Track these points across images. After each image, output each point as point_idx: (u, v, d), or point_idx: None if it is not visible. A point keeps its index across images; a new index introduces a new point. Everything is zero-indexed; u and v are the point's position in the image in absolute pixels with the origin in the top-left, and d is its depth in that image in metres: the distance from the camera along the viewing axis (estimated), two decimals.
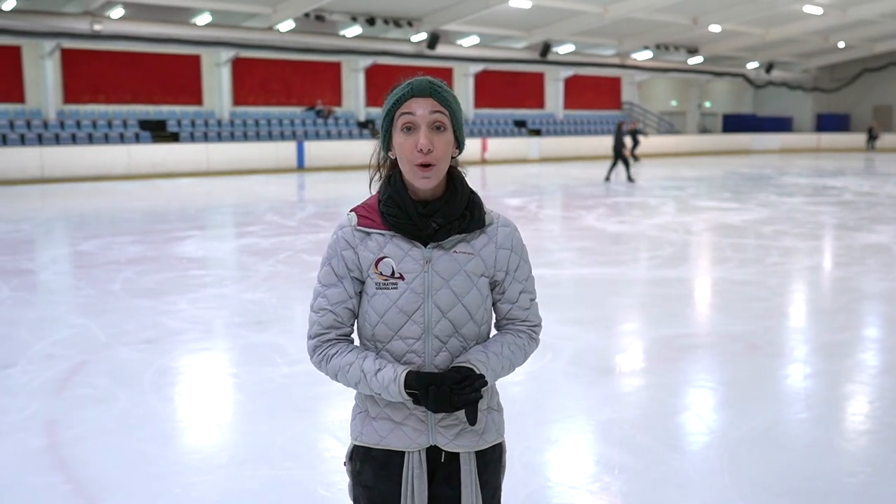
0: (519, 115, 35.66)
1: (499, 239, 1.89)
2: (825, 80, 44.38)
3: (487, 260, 1.88)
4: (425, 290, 1.82)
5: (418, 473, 1.86)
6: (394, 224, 1.83)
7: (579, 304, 7.20)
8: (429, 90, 1.80)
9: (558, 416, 4.48)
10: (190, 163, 23.95)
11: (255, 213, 14.66)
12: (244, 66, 28.30)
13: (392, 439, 1.87)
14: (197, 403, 4.80)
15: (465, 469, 1.88)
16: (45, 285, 8.35)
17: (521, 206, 15.44)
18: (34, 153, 21.72)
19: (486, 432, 1.92)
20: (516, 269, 1.92)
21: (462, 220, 1.84)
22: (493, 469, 1.95)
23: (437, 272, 1.83)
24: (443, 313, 1.83)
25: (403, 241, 1.83)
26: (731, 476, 3.63)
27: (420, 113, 1.78)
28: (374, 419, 1.90)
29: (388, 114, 1.83)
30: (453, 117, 1.83)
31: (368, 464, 1.91)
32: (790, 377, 5.22)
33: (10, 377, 5.07)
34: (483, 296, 1.88)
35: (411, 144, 1.78)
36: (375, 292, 1.84)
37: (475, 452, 1.90)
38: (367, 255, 1.84)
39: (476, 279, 1.86)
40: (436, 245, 1.83)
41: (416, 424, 1.87)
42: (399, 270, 1.82)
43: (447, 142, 1.81)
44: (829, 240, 11.31)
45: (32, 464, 3.82)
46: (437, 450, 1.89)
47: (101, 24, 22.66)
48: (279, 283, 8.12)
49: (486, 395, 1.93)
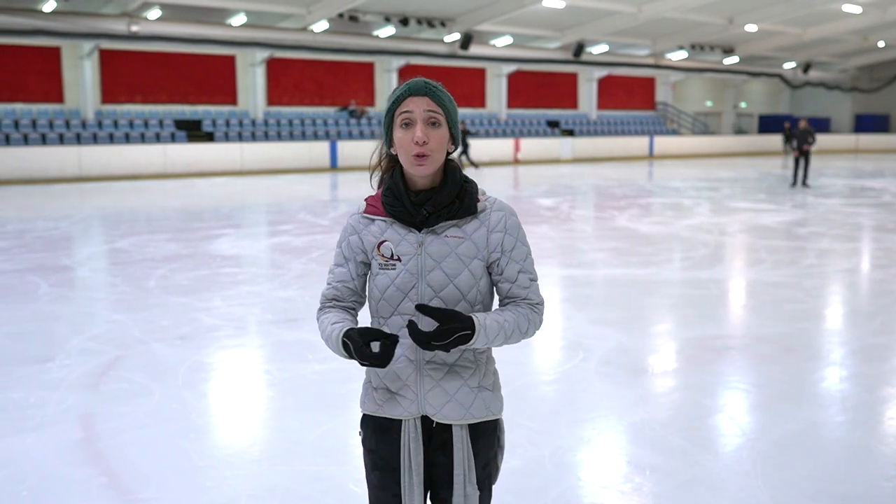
0: (552, 115, 35.53)
1: (491, 222, 2.03)
2: (864, 80, 43.68)
3: (479, 243, 2.02)
4: (419, 271, 2.00)
5: (414, 438, 2.04)
6: (391, 212, 2.03)
7: (611, 305, 7.16)
8: (424, 90, 1.98)
9: (590, 415, 4.46)
10: (224, 162, 24.17)
11: (289, 211, 14.75)
12: (278, 67, 28.50)
13: (388, 408, 2.07)
14: (230, 399, 4.85)
15: (456, 436, 2.04)
16: (83, 282, 8.47)
17: (553, 206, 15.39)
18: (73, 152, 22.06)
19: (474, 408, 2.06)
20: (512, 249, 2.05)
21: (451, 207, 2.00)
22: (486, 442, 2.10)
23: (429, 255, 2.00)
24: (435, 292, 2.00)
25: (401, 227, 2.03)
26: (763, 478, 3.59)
27: (417, 110, 1.97)
28: (375, 389, 2.10)
29: (388, 112, 2.02)
30: (448, 115, 2.00)
31: (371, 430, 2.12)
32: (826, 380, 5.15)
33: (48, 371, 5.16)
34: (476, 277, 2.02)
35: (409, 138, 1.96)
36: (378, 272, 2.05)
37: (469, 426, 2.06)
38: (371, 239, 2.06)
39: (468, 261, 2.01)
40: (429, 230, 2.01)
41: (409, 394, 2.05)
42: (397, 253, 2.02)
43: (442, 136, 1.98)
44: (866, 242, 11.13)
45: (69, 456, 3.88)
46: (431, 420, 2.06)
47: (139, 25, 22.95)
48: (311, 281, 8.17)
49: (477, 375, 2.07)
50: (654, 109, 39.70)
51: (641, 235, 11.44)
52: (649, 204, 15.91)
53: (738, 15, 30.54)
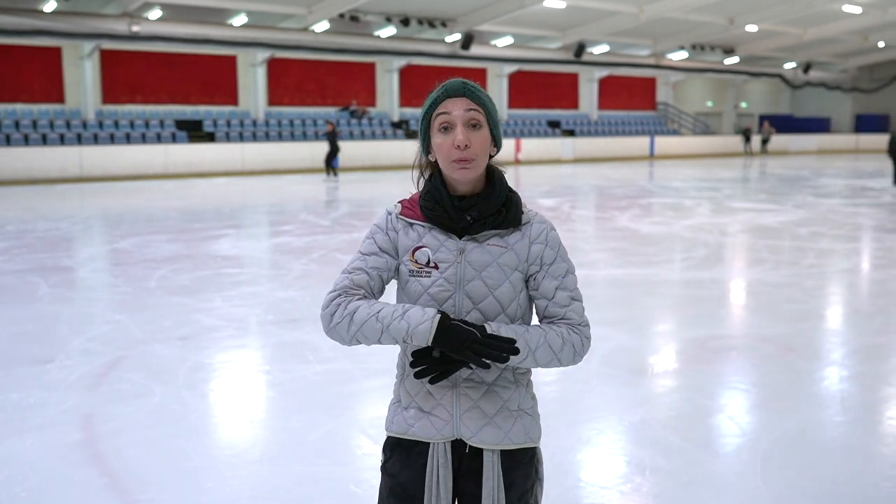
0: (553, 115, 35.54)
1: (532, 234, 1.91)
2: (864, 80, 43.66)
3: (521, 254, 1.89)
4: (457, 280, 1.86)
5: (443, 464, 1.86)
6: (431, 217, 1.88)
7: (612, 305, 7.16)
8: (462, 90, 1.85)
9: (590, 416, 4.46)
10: (225, 162, 24.19)
11: (290, 212, 14.76)
12: (279, 67, 28.51)
13: (418, 429, 1.89)
14: (230, 400, 4.85)
15: (487, 464, 1.87)
16: (83, 282, 8.48)
17: (554, 206, 15.39)
18: (73, 152, 22.08)
19: (513, 433, 1.90)
20: (551, 263, 1.92)
21: (497, 217, 1.87)
22: (523, 472, 1.92)
23: (469, 263, 1.86)
24: (474, 304, 1.86)
25: (440, 233, 1.88)
26: (764, 478, 3.59)
27: (456, 112, 1.83)
28: (405, 409, 1.93)
29: (425, 116, 1.89)
30: (488, 115, 1.87)
31: (396, 453, 1.94)
32: (826, 380, 5.15)
33: (48, 372, 5.16)
34: (516, 290, 1.89)
35: (449, 142, 1.83)
36: (408, 279, 1.89)
37: (501, 452, 1.89)
38: (407, 243, 1.90)
39: (509, 272, 1.87)
40: (470, 238, 1.87)
41: (443, 415, 1.88)
42: (434, 260, 1.87)
43: (484, 138, 1.85)
44: (866, 242, 11.13)
45: (69, 457, 3.88)
46: (463, 445, 1.89)
47: (140, 26, 22.97)
48: (312, 281, 8.17)
49: (517, 396, 1.92)
50: (655, 110, 39.70)
51: (642, 236, 11.44)
52: (650, 204, 15.91)
53: (739, 15, 30.55)
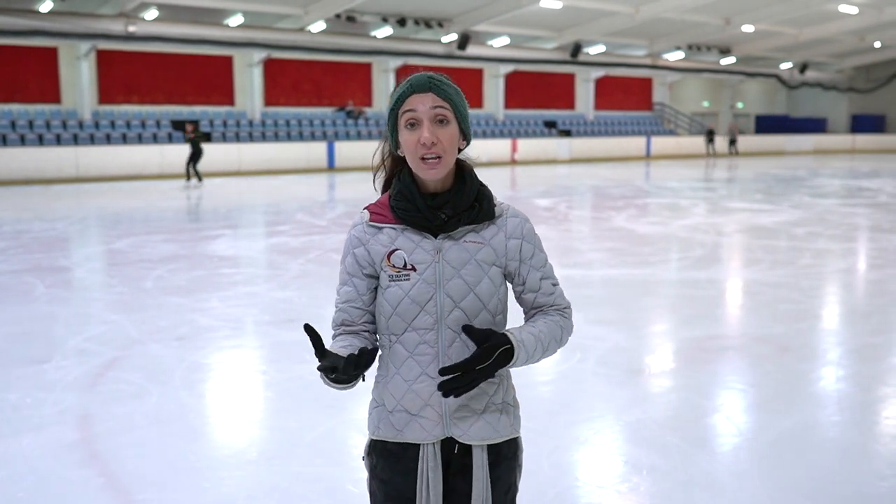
0: (549, 115, 35.56)
1: (508, 229, 1.90)
2: (860, 80, 43.75)
3: (498, 249, 1.88)
4: (437, 280, 1.84)
5: (433, 466, 1.86)
6: (403, 217, 1.85)
7: (609, 305, 7.17)
8: (428, 85, 1.82)
9: (587, 416, 4.46)
10: (221, 162, 24.16)
11: (286, 212, 14.75)
12: (276, 67, 28.49)
13: (408, 432, 1.88)
14: (227, 400, 4.85)
15: (476, 463, 1.87)
16: (80, 282, 8.47)
17: (550, 206, 15.40)
18: (70, 153, 22.05)
19: (500, 426, 1.90)
20: (531, 257, 1.92)
21: (471, 212, 1.86)
22: (507, 466, 1.93)
23: (447, 262, 1.84)
24: (455, 303, 1.84)
25: (414, 233, 1.86)
26: (761, 478, 3.60)
27: (422, 108, 1.80)
28: (390, 413, 1.90)
29: (391, 112, 1.86)
30: (456, 110, 1.84)
31: (385, 458, 1.92)
32: (822, 380, 5.16)
33: (45, 372, 5.15)
34: (496, 285, 1.88)
35: (415, 139, 1.80)
36: (389, 284, 1.86)
37: (488, 447, 1.89)
38: (379, 249, 1.87)
39: (487, 268, 1.86)
40: (446, 236, 1.85)
41: (432, 415, 1.87)
42: (411, 262, 1.84)
43: (451, 134, 1.82)
44: (863, 242, 11.16)
45: (66, 457, 3.88)
46: (452, 442, 1.89)
47: (136, 26, 22.95)
48: (309, 281, 8.17)
49: (501, 391, 1.92)
50: (651, 110, 39.74)
51: (639, 236, 11.45)
52: (646, 204, 15.93)
53: (735, 15, 30.59)
